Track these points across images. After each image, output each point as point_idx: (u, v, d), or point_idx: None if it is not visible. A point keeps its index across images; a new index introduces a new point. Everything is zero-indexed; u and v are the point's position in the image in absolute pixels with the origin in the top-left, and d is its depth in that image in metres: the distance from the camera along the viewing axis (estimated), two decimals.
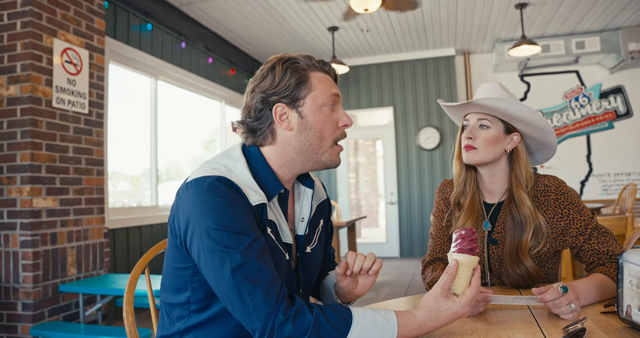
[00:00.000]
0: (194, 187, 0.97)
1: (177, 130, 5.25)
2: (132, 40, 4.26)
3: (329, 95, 1.08)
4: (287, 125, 1.07)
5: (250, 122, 1.10)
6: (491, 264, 1.46)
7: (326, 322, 0.88)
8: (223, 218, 0.93)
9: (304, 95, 1.06)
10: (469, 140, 1.46)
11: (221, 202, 0.94)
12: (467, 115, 1.51)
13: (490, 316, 1.10)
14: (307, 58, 1.09)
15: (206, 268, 0.94)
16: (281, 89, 1.05)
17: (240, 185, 0.99)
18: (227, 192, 0.96)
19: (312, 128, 1.06)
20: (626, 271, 0.94)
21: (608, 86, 6.51)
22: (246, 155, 1.09)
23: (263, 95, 1.07)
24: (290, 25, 5.45)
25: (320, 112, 1.07)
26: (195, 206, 0.94)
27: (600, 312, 1.08)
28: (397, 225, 6.83)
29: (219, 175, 0.97)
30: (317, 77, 1.08)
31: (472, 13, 5.31)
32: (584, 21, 5.69)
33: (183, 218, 0.97)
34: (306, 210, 1.15)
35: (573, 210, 1.39)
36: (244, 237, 0.93)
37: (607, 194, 6.48)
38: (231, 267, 0.90)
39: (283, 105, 1.06)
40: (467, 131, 1.48)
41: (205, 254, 0.92)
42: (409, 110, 6.78)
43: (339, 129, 1.10)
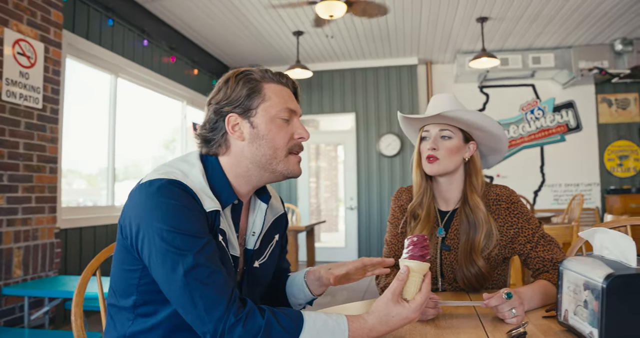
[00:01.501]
0: (147, 189, 0.96)
1: (136, 129, 5.13)
2: (92, 35, 4.14)
3: (283, 108, 1.09)
4: (239, 135, 1.07)
5: (205, 133, 1.11)
6: (443, 270, 1.50)
7: (277, 324, 0.88)
8: (175, 221, 0.92)
9: (256, 106, 1.07)
10: (432, 151, 1.49)
11: (174, 204, 0.94)
12: (425, 127, 1.54)
13: (439, 321, 1.13)
14: (264, 71, 1.11)
15: (157, 271, 0.93)
16: (233, 100, 1.07)
17: (195, 190, 0.99)
18: (181, 195, 0.95)
19: (264, 138, 1.07)
20: (565, 278, 0.99)
21: (561, 101, 6.80)
22: (204, 162, 1.09)
23: (216, 106, 1.09)
24: (256, 28, 5.43)
25: (273, 122, 1.08)
26: (148, 208, 0.94)
27: (542, 317, 1.13)
28: (356, 230, 6.89)
29: (173, 179, 0.97)
30: (272, 89, 1.09)
31: (435, 24, 5.45)
32: (540, 38, 5.93)
33: (134, 219, 0.96)
34: (258, 224, 1.16)
35: (522, 219, 1.46)
36: (196, 239, 0.92)
37: (557, 204, 6.75)
38: (183, 269, 0.89)
39: (235, 116, 1.07)
40: (429, 142, 1.51)
41: (157, 256, 0.92)
42: (370, 117, 6.86)
43: (294, 140, 1.11)
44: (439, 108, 1.50)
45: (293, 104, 1.12)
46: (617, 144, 6.67)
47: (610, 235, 0.93)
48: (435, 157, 1.48)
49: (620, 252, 0.90)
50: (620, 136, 6.69)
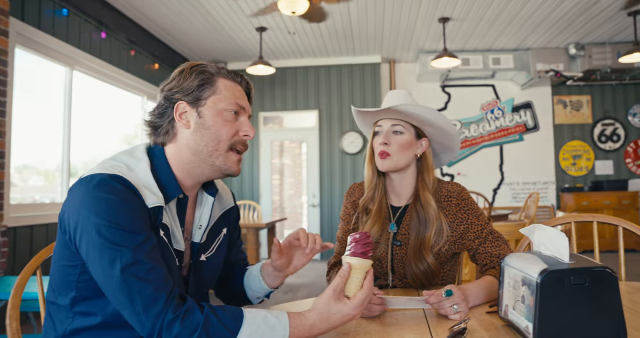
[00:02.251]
0: (87, 183, 0.94)
1: (95, 124, 4.97)
2: (45, 25, 3.98)
3: (233, 103, 1.09)
4: (185, 123, 1.08)
5: (153, 118, 1.12)
6: (394, 265, 1.52)
7: (216, 321, 0.88)
8: (114, 216, 0.91)
9: (206, 97, 1.08)
10: (383, 146, 1.49)
11: (113, 199, 0.92)
12: (378, 122, 1.55)
13: (385, 317, 1.14)
14: (220, 67, 1.12)
15: (95, 267, 0.91)
16: (184, 88, 1.08)
17: (138, 185, 0.98)
18: (121, 190, 0.94)
19: (209, 128, 1.07)
20: (506, 273, 1.01)
21: (519, 101, 7.00)
22: (150, 156, 1.08)
23: (168, 93, 1.09)
24: (218, 22, 5.35)
25: (220, 115, 1.08)
26: (87, 202, 0.92)
27: (486, 312, 1.15)
28: (318, 227, 6.90)
29: (113, 173, 0.96)
30: (225, 84, 1.10)
31: (398, 23, 5.50)
32: (500, 39, 6.08)
33: (73, 214, 0.94)
34: (205, 217, 1.15)
35: (472, 215, 1.48)
36: (135, 235, 0.91)
37: (515, 201, 6.95)
38: (121, 265, 0.88)
39: (185, 104, 1.08)
40: (381, 137, 1.52)
41: (95, 252, 0.90)
42: (333, 115, 6.88)
43: (238, 136, 1.11)
44: (392, 103, 1.51)
45: (244, 101, 1.12)
46: (571, 144, 6.92)
47: (547, 232, 0.95)
48: (387, 153, 1.49)
49: (556, 249, 0.92)
50: (574, 136, 6.94)
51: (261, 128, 7.10)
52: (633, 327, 0.97)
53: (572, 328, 0.84)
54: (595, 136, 6.91)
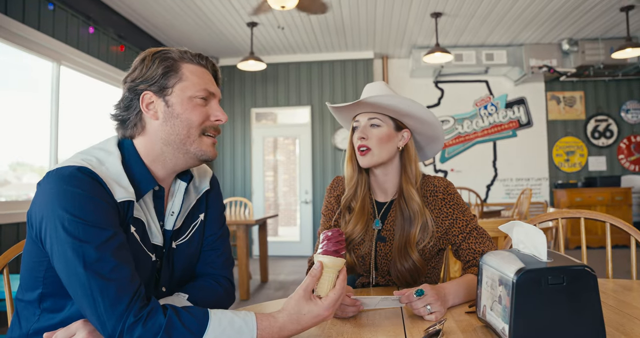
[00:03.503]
0: (54, 177, 0.91)
1: (84, 120, 4.91)
2: (29, 19, 3.91)
3: (201, 89, 1.05)
4: (153, 114, 1.04)
5: (119, 112, 1.07)
6: (377, 262, 1.48)
7: (179, 323, 0.84)
8: (80, 210, 0.87)
9: (172, 85, 1.03)
10: (362, 140, 1.45)
11: (80, 193, 0.89)
12: (356, 117, 1.51)
13: (360, 318, 1.10)
14: (182, 51, 1.07)
15: (58, 262, 0.88)
16: (148, 78, 1.03)
17: (107, 179, 0.94)
18: (88, 184, 0.90)
19: (179, 117, 1.03)
20: (484, 272, 0.97)
21: (513, 97, 6.97)
22: (121, 150, 1.04)
23: (132, 84, 1.05)
24: (208, 17, 5.29)
25: (190, 102, 1.04)
26: (52, 196, 0.89)
27: (465, 312, 1.12)
28: (311, 224, 6.87)
29: (82, 166, 0.92)
30: (190, 69, 1.06)
31: (390, 18, 5.45)
32: (493, 35, 6.04)
33: (39, 208, 0.91)
34: (177, 204, 1.11)
35: (457, 210, 1.45)
36: (101, 230, 0.88)
37: (509, 198, 6.93)
38: (84, 262, 0.84)
39: (151, 94, 1.03)
40: (358, 131, 1.48)
41: (58, 246, 0.87)
42: (326, 111, 6.83)
43: (210, 121, 1.07)
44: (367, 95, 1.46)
45: (212, 86, 1.08)
46: (565, 140, 6.90)
47: (525, 229, 0.91)
48: (367, 148, 1.45)
49: (534, 246, 0.89)
50: (568, 132, 6.92)
51: (253, 124, 7.04)
52: (613, 326, 0.94)
53: (549, 330, 0.81)
54: (589, 132, 6.89)
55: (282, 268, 5.98)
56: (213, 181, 1.22)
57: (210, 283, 1.14)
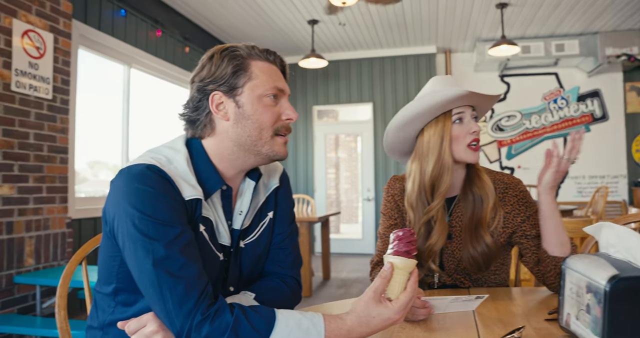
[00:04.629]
0: (126, 175, 0.93)
1: (152, 120, 5.13)
2: (104, 26, 4.13)
3: (271, 87, 1.02)
4: (223, 115, 1.02)
5: (188, 112, 1.06)
6: (444, 260, 1.42)
7: (247, 323, 0.83)
8: (149, 208, 0.88)
9: (242, 84, 1.01)
10: (475, 134, 1.36)
11: (149, 190, 0.90)
12: (459, 108, 1.37)
13: (431, 322, 1.06)
14: (250, 47, 1.04)
15: (129, 259, 0.89)
16: (218, 77, 1.01)
17: (176, 177, 0.95)
18: (157, 181, 0.91)
19: (250, 118, 1.01)
20: (568, 278, 0.90)
21: (586, 89, 6.56)
22: (189, 148, 1.04)
23: (200, 84, 1.03)
24: (269, 17, 5.36)
25: (260, 102, 1.01)
26: (124, 193, 0.91)
27: (544, 319, 1.05)
28: (373, 221, 6.81)
29: (151, 164, 0.93)
30: (259, 67, 1.03)
31: (454, 11, 5.28)
32: (564, 24, 5.70)
33: (112, 205, 0.93)
34: (246, 203, 1.09)
35: (530, 208, 1.40)
36: (170, 228, 0.88)
37: (581, 196, 6.54)
38: (153, 259, 0.85)
39: (220, 94, 1.01)
40: (472, 125, 1.36)
41: (129, 243, 0.88)
42: (388, 107, 6.74)
43: (281, 121, 1.04)
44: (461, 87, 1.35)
45: (281, 83, 1.05)
46: None
47: (617, 231, 0.84)
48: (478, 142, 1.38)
49: (628, 251, 0.81)
50: None
51: (315, 122, 7.06)
52: None
53: None
54: None
55: (344, 265, 5.97)
56: (283, 177, 1.19)
57: (278, 283, 1.12)
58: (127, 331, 0.88)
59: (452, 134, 1.36)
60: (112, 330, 1.00)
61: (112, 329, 1.00)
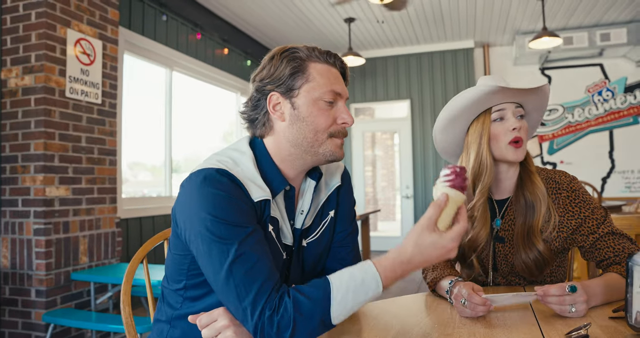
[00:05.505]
0: (195, 179, 0.96)
1: (194, 122, 5.26)
2: (147, 30, 4.26)
3: (328, 91, 1.03)
4: (280, 115, 1.04)
5: (248, 111, 1.09)
6: (497, 262, 1.41)
7: (304, 297, 0.86)
8: (221, 210, 0.91)
9: (299, 86, 1.03)
10: (518, 132, 1.34)
11: (220, 194, 0.93)
12: (499, 105, 1.36)
13: (491, 318, 1.06)
14: (311, 49, 1.05)
15: (202, 260, 0.93)
16: (276, 78, 1.03)
17: (244, 179, 0.98)
18: (227, 185, 0.94)
19: (305, 120, 1.03)
20: (636, 274, 0.89)
21: (634, 80, 6.31)
22: (253, 149, 1.07)
23: (259, 84, 1.06)
24: (306, 16, 5.40)
25: (315, 104, 1.03)
26: (195, 197, 0.94)
27: (609, 317, 1.03)
28: (412, 219, 6.76)
29: (220, 168, 0.96)
30: (318, 69, 1.04)
31: (492, 4, 5.18)
32: (610, 12, 5.50)
33: (183, 208, 0.97)
34: (307, 202, 1.11)
35: (585, 209, 1.33)
36: (241, 229, 0.91)
37: (629, 192, 6.30)
38: (227, 260, 0.88)
39: (277, 95, 1.04)
40: (512, 122, 1.34)
41: (202, 246, 0.92)
42: (426, 103, 6.67)
43: (337, 124, 1.05)
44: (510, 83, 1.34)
45: (339, 86, 1.06)
46: None
47: None
48: (522, 140, 1.35)
49: None
50: None
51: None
52: None
53: None
54: None
55: None
56: (344, 176, 1.20)
57: None
58: (198, 325, 0.92)
59: (491, 132, 1.35)
60: (180, 323, 1.05)
61: (180, 323, 1.04)
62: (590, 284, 1.11)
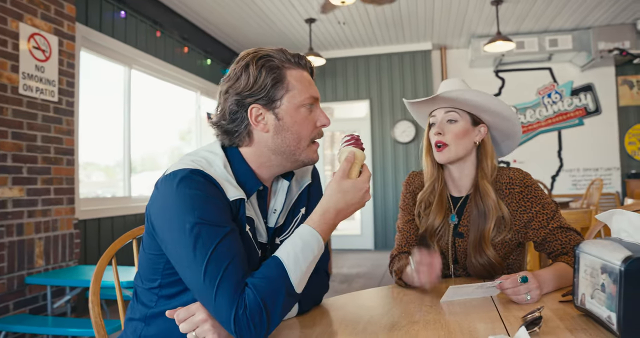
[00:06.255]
0: (171, 180, 0.96)
1: (152, 121, 5.17)
2: (105, 27, 4.16)
3: (308, 97, 1.06)
4: (263, 127, 1.04)
5: (225, 124, 1.07)
6: (457, 256, 1.49)
7: (262, 280, 0.90)
8: (198, 211, 0.92)
9: (281, 96, 1.03)
10: (438, 136, 1.45)
11: (197, 193, 0.94)
12: (433, 112, 1.51)
13: (453, 306, 1.13)
14: (281, 53, 1.05)
15: (179, 260, 0.93)
16: (257, 90, 1.02)
17: (219, 179, 0.99)
18: (203, 184, 0.95)
19: (289, 129, 1.05)
20: (582, 261, 0.97)
21: (579, 84, 6.66)
22: (226, 152, 1.08)
23: (238, 97, 1.03)
24: (267, 16, 5.41)
25: (298, 112, 1.05)
26: (172, 198, 0.94)
27: (559, 301, 1.12)
28: (372, 217, 6.88)
29: (195, 168, 0.97)
30: (294, 76, 1.05)
31: (449, 8, 5.36)
32: (557, 19, 5.80)
33: (159, 210, 0.97)
34: (280, 201, 1.14)
35: (536, 204, 1.42)
36: (219, 228, 0.92)
37: (576, 189, 6.65)
38: (205, 260, 0.89)
39: (259, 107, 1.03)
40: (435, 127, 1.48)
41: (179, 246, 0.92)
42: (385, 104, 6.81)
43: (317, 128, 1.09)
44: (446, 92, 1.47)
45: (314, 90, 1.09)
46: (638, 127, 6.53)
47: (628, 217, 0.91)
48: (444, 144, 1.45)
49: (639, 234, 0.88)
50: None
51: None
52: None
53: None
54: None
55: (344, 261, 6.04)
56: (314, 173, 1.24)
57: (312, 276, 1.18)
58: (176, 319, 0.93)
59: (428, 136, 1.53)
60: (155, 321, 1.05)
61: (155, 321, 1.05)
62: (541, 273, 1.20)
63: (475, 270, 1.43)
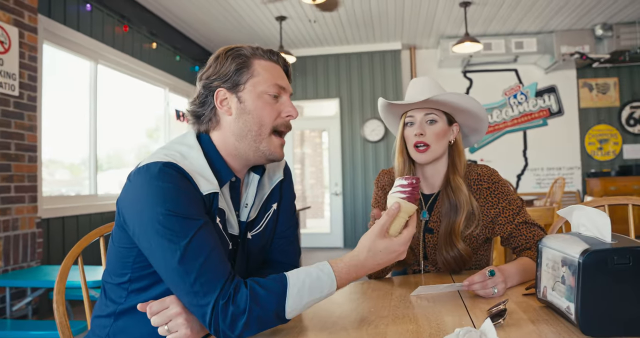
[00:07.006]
0: (145, 173, 0.96)
1: (119, 117, 5.05)
2: (70, 20, 4.04)
3: (273, 84, 1.08)
4: (227, 110, 1.08)
5: (195, 108, 1.11)
6: (427, 252, 1.52)
7: (261, 289, 0.90)
8: (172, 204, 0.92)
9: (245, 81, 1.07)
10: (420, 137, 1.47)
11: (170, 187, 0.94)
12: (409, 112, 1.52)
13: (422, 301, 1.15)
14: (254, 48, 1.10)
15: (153, 253, 0.93)
16: (222, 75, 1.07)
17: (192, 172, 0.99)
18: (176, 177, 0.95)
19: (251, 113, 1.06)
20: (544, 255, 1.00)
21: (543, 85, 6.86)
22: (200, 143, 1.09)
23: (206, 81, 1.09)
24: (237, 13, 5.36)
25: (261, 98, 1.07)
26: (145, 191, 0.94)
27: (522, 294, 1.15)
28: (341, 215, 6.92)
29: (168, 161, 0.97)
30: (262, 65, 1.09)
31: (419, 8, 5.43)
32: (523, 23, 5.95)
33: (132, 203, 0.97)
34: (251, 196, 1.15)
35: (503, 199, 1.46)
36: (193, 221, 0.92)
37: (540, 187, 6.85)
38: (179, 253, 0.89)
39: (224, 91, 1.07)
40: (415, 127, 1.49)
41: (154, 239, 0.91)
42: (355, 102, 6.85)
43: (281, 118, 1.10)
44: (424, 92, 1.49)
45: (283, 81, 1.11)
46: (598, 128, 6.77)
47: (587, 212, 0.94)
48: (426, 144, 1.47)
49: (597, 229, 0.92)
50: (600, 120, 6.78)
51: None
52: None
53: (615, 308, 0.84)
54: (624, 119, 6.74)
55: (314, 260, 6.05)
56: (286, 170, 1.25)
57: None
58: (148, 312, 0.92)
59: (404, 134, 1.53)
60: (124, 317, 1.03)
61: (124, 316, 1.03)
62: (506, 267, 1.24)
63: (445, 263, 1.45)
